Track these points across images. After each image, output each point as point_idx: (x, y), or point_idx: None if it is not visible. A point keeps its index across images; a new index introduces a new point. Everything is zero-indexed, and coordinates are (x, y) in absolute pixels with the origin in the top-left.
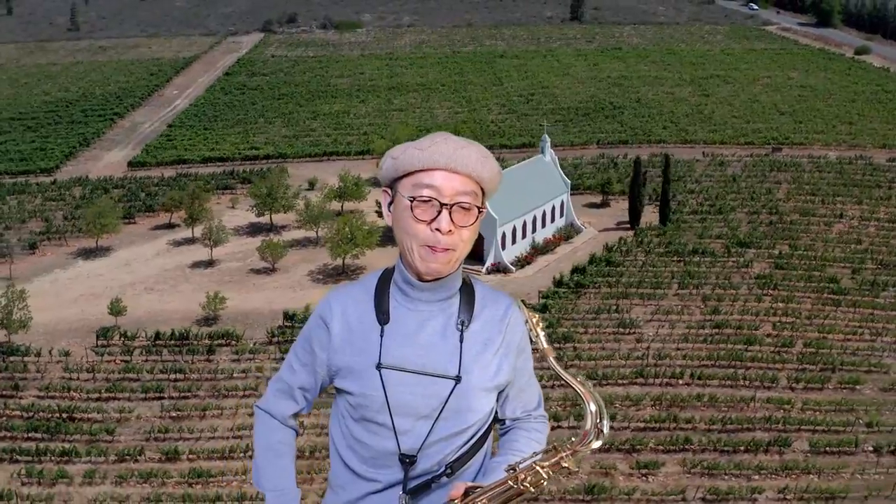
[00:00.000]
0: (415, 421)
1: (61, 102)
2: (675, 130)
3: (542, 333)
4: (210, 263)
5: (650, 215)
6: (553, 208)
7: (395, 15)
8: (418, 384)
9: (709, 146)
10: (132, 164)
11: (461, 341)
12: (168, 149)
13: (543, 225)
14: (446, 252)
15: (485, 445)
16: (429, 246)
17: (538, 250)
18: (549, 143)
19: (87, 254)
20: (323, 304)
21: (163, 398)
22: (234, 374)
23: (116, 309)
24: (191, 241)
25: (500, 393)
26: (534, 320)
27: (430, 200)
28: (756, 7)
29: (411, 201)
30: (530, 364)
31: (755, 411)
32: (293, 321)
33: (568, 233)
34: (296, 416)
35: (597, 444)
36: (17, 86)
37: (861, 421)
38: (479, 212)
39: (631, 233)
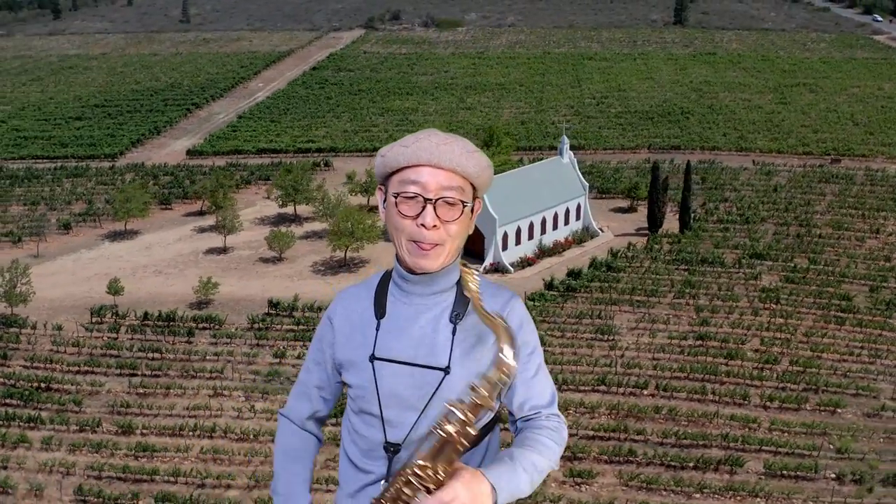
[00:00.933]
0: (403, 411)
1: (147, 91)
2: (734, 137)
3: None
4: (223, 250)
5: (672, 222)
6: (567, 211)
7: (500, 14)
8: (409, 375)
9: (763, 154)
10: (190, 153)
11: (454, 333)
12: (229, 139)
13: (555, 227)
14: (433, 247)
15: (483, 441)
16: (415, 241)
17: (544, 252)
18: (567, 145)
19: (115, 236)
20: (331, 306)
21: (135, 375)
22: (207, 357)
23: (114, 289)
24: (214, 228)
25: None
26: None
27: (414, 196)
28: (881, 19)
29: (395, 197)
30: (538, 359)
31: (716, 427)
32: (277, 309)
33: (581, 236)
34: (319, 421)
35: (504, 376)
36: (113, 74)
37: (832, 446)
38: (466, 206)
39: (646, 239)
